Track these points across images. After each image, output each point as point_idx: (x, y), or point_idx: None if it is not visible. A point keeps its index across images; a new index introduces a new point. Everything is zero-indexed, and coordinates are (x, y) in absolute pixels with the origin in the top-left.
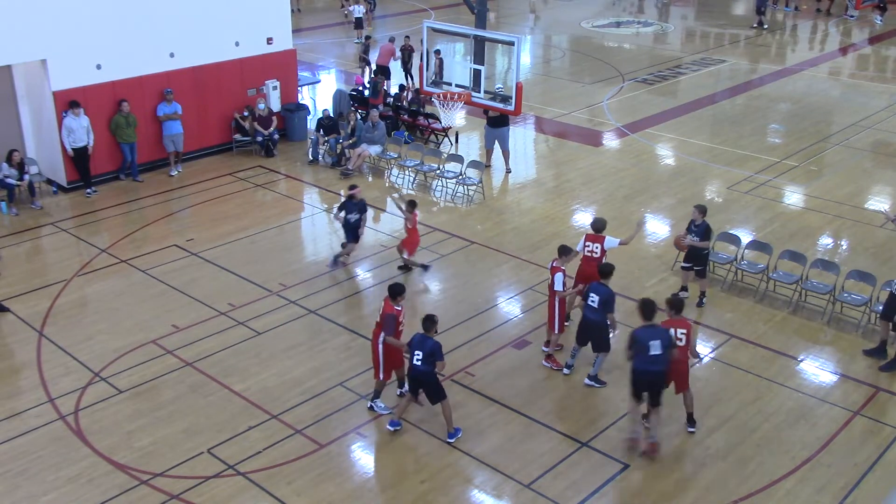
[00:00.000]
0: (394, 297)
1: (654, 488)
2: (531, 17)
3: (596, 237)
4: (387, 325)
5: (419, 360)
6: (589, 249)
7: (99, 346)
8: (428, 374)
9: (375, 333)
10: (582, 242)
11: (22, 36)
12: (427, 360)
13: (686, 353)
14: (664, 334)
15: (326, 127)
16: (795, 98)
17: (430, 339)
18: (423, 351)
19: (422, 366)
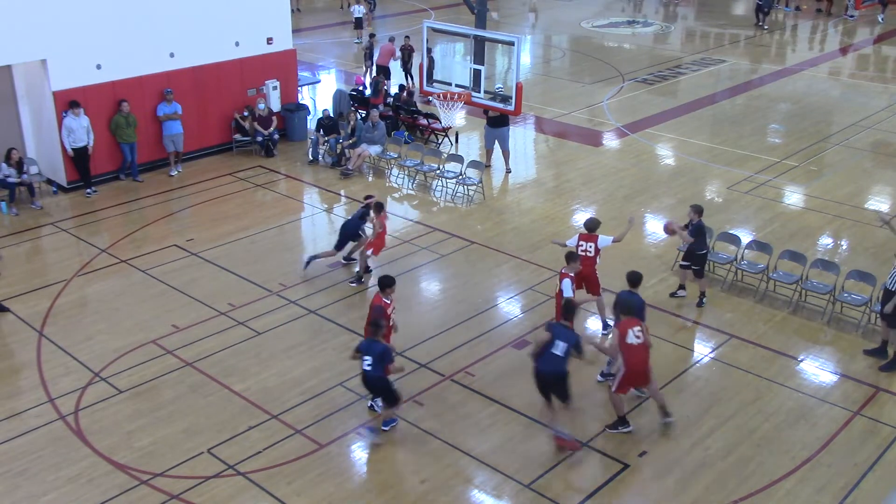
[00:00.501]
0: (382, 289)
1: (654, 488)
2: (531, 16)
3: (590, 237)
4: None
5: (369, 364)
6: (583, 249)
7: (99, 346)
8: (380, 379)
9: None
10: (575, 240)
11: (22, 36)
12: (377, 364)
13: (647, 349)
14: (572, 338)
15: (326, 127)
16: (795, 98)
17: (378, 342)
18: (371, 355)
19: (372, 370)
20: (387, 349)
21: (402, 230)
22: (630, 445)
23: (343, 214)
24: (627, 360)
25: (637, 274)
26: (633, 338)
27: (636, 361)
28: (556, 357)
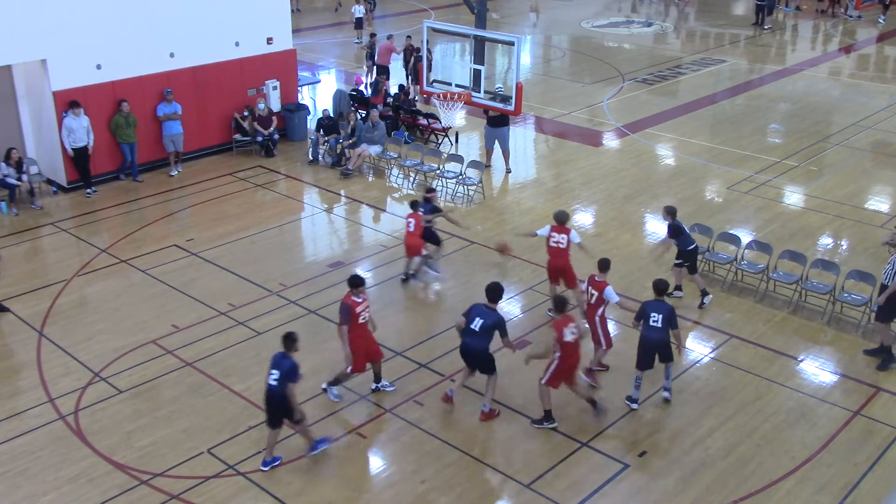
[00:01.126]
0: (352, 288)
1: (654, 488)
2: (532, 16)
3: (562, 229)
4: (340, 314)
5: (275, 379)
6: (555, 241)
7: (99, 346)
8: (280, 397)
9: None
10: (547, 230)
11: (22, 36)
12: (282, 380)
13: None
14: (491, 316)
15: (326, 127)
16: (795, 98)
17: (289, 359)
18: (279, 370)
19: (276, 386)
20: (294, 367)
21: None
22: (630, 445)
23: (343, 214)
24: (563, 356)
25: (664, 282)
26: (569, 335)
27: (569, 358)
28: (474, 332)
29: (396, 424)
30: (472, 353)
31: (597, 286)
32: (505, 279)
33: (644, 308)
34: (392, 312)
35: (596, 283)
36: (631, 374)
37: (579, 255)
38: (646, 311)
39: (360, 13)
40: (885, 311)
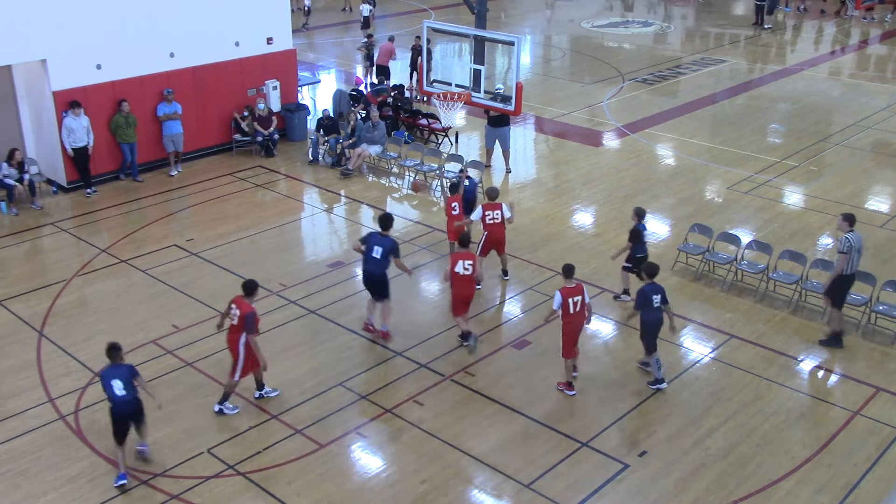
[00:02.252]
0: (249, 293)
1: (654, 488)
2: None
3: (493, 205)
4: (249, 325)
5: (121, 389)
6: (490, 217)
7: (99, 346)
8: (132, 403)
9: (235, 332)
10: (481, 211)
11: (22, 36)
12: (128, 387)
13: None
14: (385, 242)
15: (326, 127)
16: (795, 98)
17: (125, 366)
18: (121, 379)
19: (127, 395)
20: (133, 371)
21: (402, 230)
22: (630, 445)
23: (343, 214)
24: (455, 287)
25: (655, 266)
26: (462, 269)
27: (461, 289)
28: (375, 259)
29: (396, 424)
30: (373, 278)
31: (494, 207)
32: (505, 279)
33: (644, 292)
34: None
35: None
36: (627, 375)
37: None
38: (647, 295)
39: (368, 12)
40: (836, 294)
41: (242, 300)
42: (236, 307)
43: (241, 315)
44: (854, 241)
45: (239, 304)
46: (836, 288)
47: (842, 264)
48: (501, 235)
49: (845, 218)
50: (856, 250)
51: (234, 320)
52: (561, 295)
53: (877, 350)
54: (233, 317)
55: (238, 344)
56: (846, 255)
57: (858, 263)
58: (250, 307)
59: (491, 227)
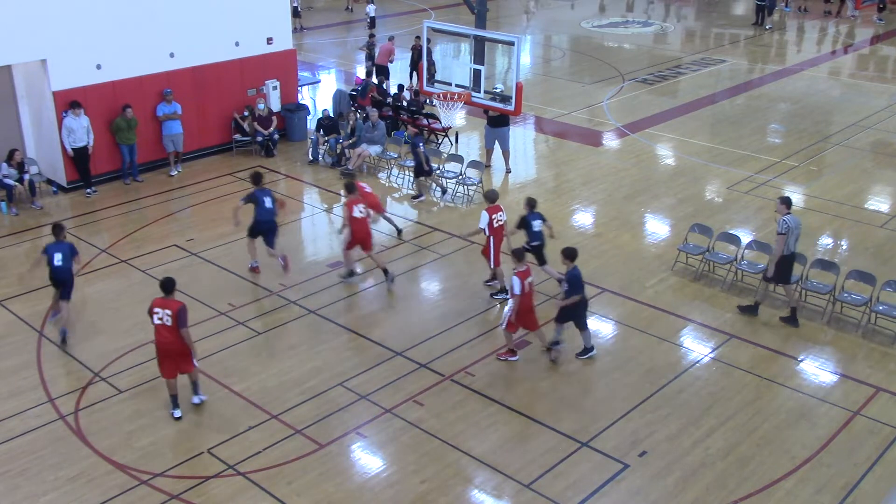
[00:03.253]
0: (170, 291)
1: (654, 488)
2: (525, 17)
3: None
4: (184, 319)
5: (59, 261)
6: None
7: (99, 346)
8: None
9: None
10: (486, 216)
11: (22, 36)
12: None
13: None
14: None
15: (326, 127)
16: (795, 98)
17: (67, 243)
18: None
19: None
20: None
21: (402, 230)
22: (630, 445)
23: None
24: (353, 228)
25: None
26: (358, 213)
27: (359, 230)
28: (268, 209)
29: (396, 424)
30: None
31: (169, 305)
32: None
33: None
34: (392, 312)
35: (166, 303)
36: (627, 375)
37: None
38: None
39: (373, 12)
40: (781, 274)
41: (165, 300)
42: (162, 309)
43: (174, 313)
44: (791, 223)
45: (165, 305)
46: (779, 270)
47: (780, 246)
48: (503, 236)
49: (783, 201)
50: (793, 232)
51: (168, 321)
52: (519, 279)
53: (877, 350)
54: (163, 318)
55: (179, 338)
56: (784, 237)
57: (796, 245)
58: (178, 302)
59: (497, 230)
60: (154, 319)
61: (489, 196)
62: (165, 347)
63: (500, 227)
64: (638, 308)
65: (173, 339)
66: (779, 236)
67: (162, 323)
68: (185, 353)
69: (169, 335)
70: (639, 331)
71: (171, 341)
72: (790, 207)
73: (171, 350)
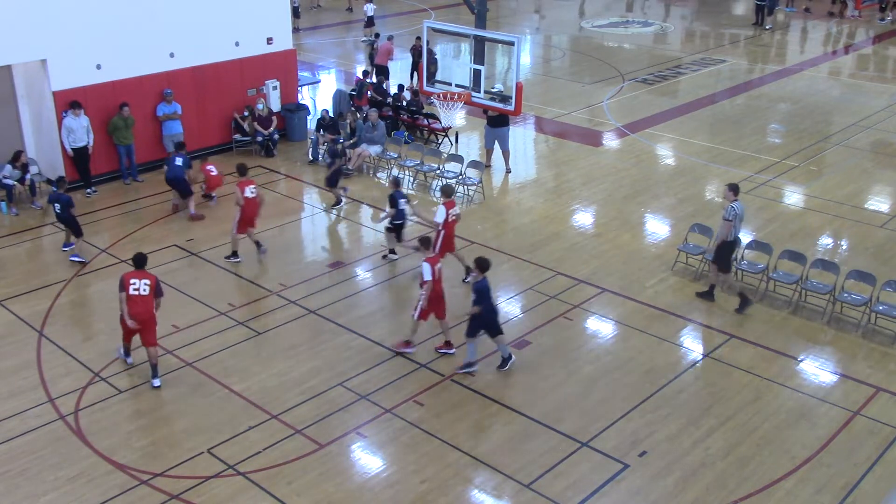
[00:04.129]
0: (141, 265)
1: (654, 488)
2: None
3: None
4: (160, 288)
5: None
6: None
7: (99, 346)
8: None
9: (147, 302)
10: (443, 210)
11: (22, 36)
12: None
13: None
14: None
15: (326, 127)
16: (795, 98)
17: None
18: None
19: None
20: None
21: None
22: (630, 445)
23: (343, 214)
24: (245, 207)
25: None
26: (250, 193)
27: (251, 209)
28: (177, 167)
29: (396, 424)
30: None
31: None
32: (505, 279)
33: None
34: (393, 312)
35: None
36: (627, 374)
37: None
38: (486, 289)
39: (372, 11)
40: (722, 261)
41: (139, 272)
42: (139, 279)
43: (153, 283)
44: (738, 209)
45: (141, 276)
46: (721, 254)
47: (725, 231)
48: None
49: (731, 188)
50: (739, 218)
51: (145, 291)
52: (430, 265)
53: (877, 350)
54: (140, 289)
55: (153, 310)
56: (730, 223)
57: (740, 230)
58: (152, 274)
59: (451, 225)
60: (130, 291)
61: (446, 191)
62: (139, 318)
63: (453, 221)
64: (638, 308)
65: (146, 308)
66: (725, 222)
67: (139, 293)
68: (152, 324)
69: (144, 305)
70: (639, 331)
71: (145, 310)
72: (738, 194)
73: (143, 319)
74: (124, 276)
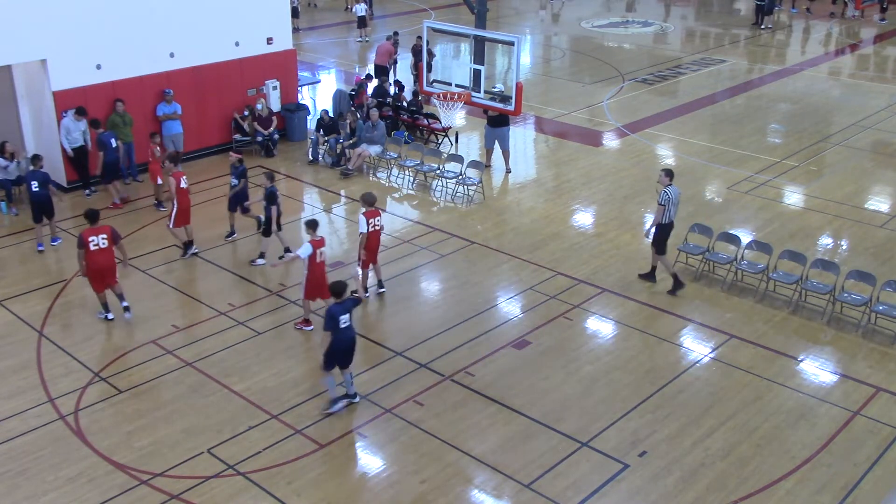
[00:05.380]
0: (94, 220)
1: (654, 488)
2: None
3: (374, 212)
4: (117, 235)
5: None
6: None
7: (99, 346)
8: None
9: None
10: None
11: (22, 36)
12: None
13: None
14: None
15: (326, 127)
16: (795, 98)
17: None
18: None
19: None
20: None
21: (402, 230)
22: (630, 445)
23: (343, 214)
24: (180, 199)
25: (341, 284)
26: (184, 183)
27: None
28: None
29: (396, 424)
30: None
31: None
32: (505, 279)
33: (332, 313)
34: (392, 312)
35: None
36: (627, 375)
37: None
38: (335, 315)
39: (363, 11)
40: (658, 244)
41: (95, 228)
42: (97, 235)
43: (109, 234)
44: (672, 194)
45: (97, 231)
46: (657, 237)
47: (659, 215)
48: (378, 243)
49: (666, 173)
50: (673, 202)
51: (104, 244)
52: (312, 247)
53: (877, 350)
54: (99, 243)
55: (113, 258)
56: (663, 207)
57: (675, 213)
58: (107, 226)
59: (373, 234)
60: (90, 247)
61: (367, 199)
62: (101, 268)
63: (374, 231)
64: (638, 308)
65: (107, 258)
66: (659, 207)
67: (98, 248)
68: (113, 270)
69: (105, 256)
70: (639, 331)
71: (106, 260)
72: (672, 179)
73: (105, 269)
74: (83, 233)
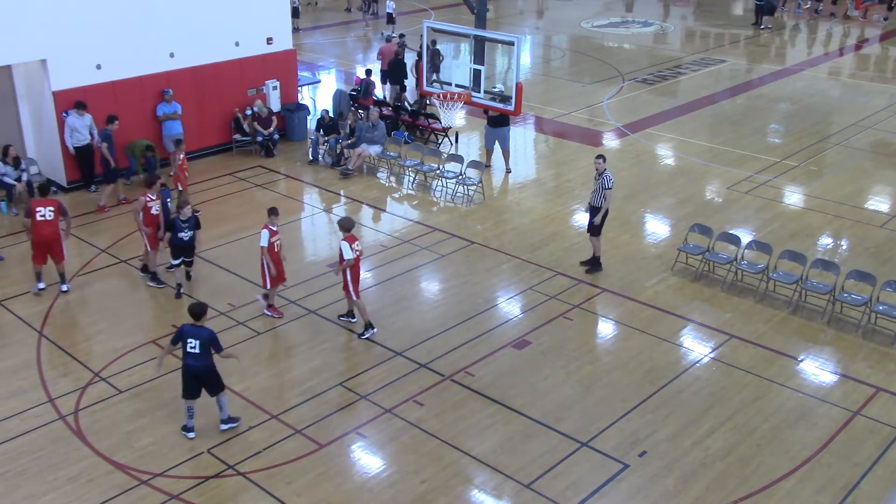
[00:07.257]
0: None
1: (654, 488)
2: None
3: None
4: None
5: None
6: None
7: (99, 346)
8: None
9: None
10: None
11: (22, 36)
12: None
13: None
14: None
15: (326, 127)
16: (795, 98)
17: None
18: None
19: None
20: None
21: (402, 230)
22: (630, 445)
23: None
24: (147, 222)
25: (201, 305)
26: (39, 217)
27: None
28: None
29: (396, 424)
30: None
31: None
32: (505, 279)
33: (181, 332)
34: (392, 312)
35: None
36: (627, 375)
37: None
38: (183, 335)
39: (391, 8)
40: (597, 228)
41: (44, 200)
42: (44, 207)
43: (56, 208)
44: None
45: (45, 204)
46: (602, 222)
47: (610, 201)
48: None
49: (604, 158)
50: None
51: (50, 216)
52: (268, 234)
53: (877, 350)
54: (45, 215)
55: (57, 231)
56: (611, 192)
57: None
58: (55, 200)
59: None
60: (36, 217)
61: (344, 225)
62: (45, 240)
63: (358, 255)
64: (638, 308)
65: (52, 231)
66: (607, 191)
67: (45, 219)
68: (58, 244)
69: (50, 228)
70: (639, 331)
71: (50, 233)
72: (605, 161)
73: (49, 241)
74: (31, 203)
